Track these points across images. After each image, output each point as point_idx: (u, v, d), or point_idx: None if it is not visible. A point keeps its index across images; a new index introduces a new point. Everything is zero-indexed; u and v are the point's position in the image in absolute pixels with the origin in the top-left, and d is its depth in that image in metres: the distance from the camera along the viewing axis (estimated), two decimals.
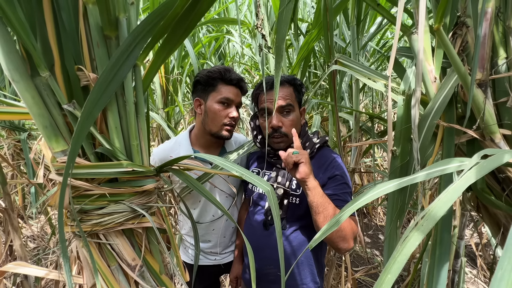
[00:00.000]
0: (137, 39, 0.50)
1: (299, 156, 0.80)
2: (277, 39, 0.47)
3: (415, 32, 0.66)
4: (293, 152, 0.81)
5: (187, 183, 0.67)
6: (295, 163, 0.81)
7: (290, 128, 0.93)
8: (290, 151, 0.82)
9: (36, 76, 0.51)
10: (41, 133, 0.52)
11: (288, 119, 0.93)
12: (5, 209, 0.92)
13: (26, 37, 0.47)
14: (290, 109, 0.93)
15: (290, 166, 0.81)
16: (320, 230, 0.51)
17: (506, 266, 0.25)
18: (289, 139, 0.94)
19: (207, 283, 1.23)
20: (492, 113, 0.56)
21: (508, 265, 0.25)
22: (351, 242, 0.84)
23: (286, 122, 0.93)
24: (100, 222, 0.57)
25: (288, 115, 0.93)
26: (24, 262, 0.66)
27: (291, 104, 0.93)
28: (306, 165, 0.80)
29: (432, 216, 0.45)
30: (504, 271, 0.25)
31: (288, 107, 0.93)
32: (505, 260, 0.25)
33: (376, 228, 2.80)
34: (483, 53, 0.54)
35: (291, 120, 0.93)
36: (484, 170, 0.44)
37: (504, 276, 0.24)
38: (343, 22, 1.71)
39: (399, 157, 0.69)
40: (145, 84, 0.60)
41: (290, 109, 0.93)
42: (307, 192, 0.81)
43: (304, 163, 0.80)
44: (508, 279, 0.24)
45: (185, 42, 1.84)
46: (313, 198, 0.80)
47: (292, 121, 0.94)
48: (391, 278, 0.42)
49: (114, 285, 0.62)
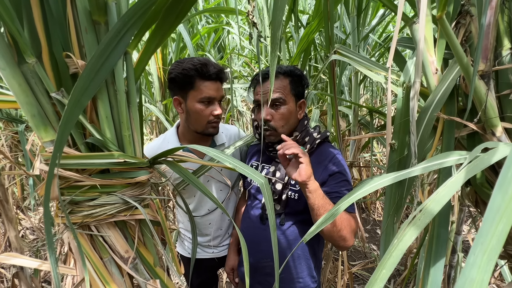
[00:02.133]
0: (127, 25, 0.48)
1: (302, 154, 0.77)
2: (272, 26, 0.46)
3: (417, 21, 0.63)
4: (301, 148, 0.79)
5: (181, 175, 0.66)
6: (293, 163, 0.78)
7: (280, 122, 0.91)
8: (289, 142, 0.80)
9: (23, 63, 0.49)
10: (29, 122, 0.51)
11: (277, 112, 0.91)
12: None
13: (12, 23, 0.45)
14: (281, 102, 0.90)
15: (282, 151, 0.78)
16: (315, 224, 0.50)
17: (478, 252, 0.25)
18: (278, 133, 0.91)
19: (204, 277, 1.24)
20: (494, 106, 0.54)
21: (480, 251, 0.25)
22: (350, 240, 0.84)
23: (276, 115, 0.91)
24: (91, 214, 0.56)
25: (278, 108, 0.91)
26: (17, 253, 0.65)
27: (281, 97, 0.90)
28: (307, 167, 0.77)
29: (429, 211, 0.44)
30: (476, 256, 0.25)
31: (279, 100, 0.90)
32: (477, 246, 0.25)
33: (374, 223, 2.80)
34: (487, 43, 0.52)
35: (281, 114, 0.91)
36: (484, 164, 0.42)
37: (476, 262, 0.25)
38: (344, 13, 1.68)
39: (398, 150, 0.68)
40: (137, 72, 0.58)
41: (280, 102, 0.90)
42: (307, 195, 0.79)
43: (306, 165, 0.77)
44: (480, 264, 0.24)
45: (183, 33, 1.81)
46: (314, 200, 0.78)
47: (282, 115, 0.91)
48: (386, 273, 0.41)
49: (107, 278, 0.61)
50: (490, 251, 0.25)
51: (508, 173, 0.28)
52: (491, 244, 0.25)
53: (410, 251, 1.99)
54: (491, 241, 0.26)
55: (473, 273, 0.25)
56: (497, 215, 0.27)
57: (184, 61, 0.95)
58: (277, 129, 0.91)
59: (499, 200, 0.27)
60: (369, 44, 2.15)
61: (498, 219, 0.26)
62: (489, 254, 0.25)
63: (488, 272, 0.24)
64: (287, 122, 0.93)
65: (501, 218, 0.26)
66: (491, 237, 0.26)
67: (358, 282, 2.04)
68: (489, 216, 0.27)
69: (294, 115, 0.94)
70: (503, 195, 0.27)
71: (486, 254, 0.25)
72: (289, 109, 0.92)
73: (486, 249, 0.25)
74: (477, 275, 0.24)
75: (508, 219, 0.26)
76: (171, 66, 0.98)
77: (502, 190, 0.27)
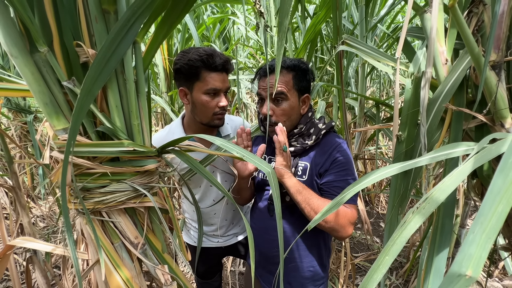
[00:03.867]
0: (136, 14, 0.48)
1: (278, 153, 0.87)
2: (280, 15, 0.45)
3: (428, 10, 0.62)
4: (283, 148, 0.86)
5: (188, 164, 0.67)
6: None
7: (282, 117, 0.91)
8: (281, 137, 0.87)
9: (35, 52, 0.50)
10: (42, 110, 0.52)
11: (279, 108, 0.91)
12: (12, 187, 0.94)
13: (24, 11, 0.46)
14: (283, 98, 0.90)
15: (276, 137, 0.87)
16: (319, 213, 0.51)
17: (477, 230, 0.26)
18: None
19: (210, 264, 1.27)
20: (505, 97, 0.54)
21: (479, 229, 0.26)
22: (343, 231, 0.86)
23: (277, 110, 0.91)
24: (102, 200, 0.58)
25: (280, 103, 0.90)
26: (31, 238, 0.68)
27: (283, 92, 0.89)
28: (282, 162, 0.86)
29: (435, 200, 0.44)
30: (476, 234, 0.26)
31: (281, 95, 0.89)
32: (477, 225, 0.26)
33: (378, 216, 2.81)
34: (500, 33, 0.51)
35: (282, 109, 0.91)
36: (491, 155, 0.42)
37: (475, 239, 0.25)
38: (352, 3, 1.64)
39: (405, 142, 0.68)
40: (146, 62, 0.59)
41: (282, 97, 0.90)
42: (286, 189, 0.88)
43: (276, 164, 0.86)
44: (479, 242, 0.25)
45: (188, 24, 1.80)
46: (292, 196, 0.86)
47: (283, 110, 0.91)
48: (389, 259, 0.42)
49: (118, 262, 0.63)
50: (489, 230, 0.26)
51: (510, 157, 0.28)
52: (490, 223, 0.26)
53: (413, 244, 2.00)
54: (490, 221, 0.26)
55: (471, 250, 0.25)
56: (498, 197, 0.28)
57: (190, 51, 0.94)
58: (278, 124, 0.91)
59: (500, 183, 0.28)
60: (376, 35, 2.11)
61: (498, 200, 0.27)
62: (488, 233, 0.26)
63: (486, 249, 0.25)
64: (289, 118, 0.92)
65: (501, 199, 0.27)
66: (490, 217, 0.27)
67: (361, 273, 2.07)
68: (489, 197, 0.28)
69: (296, 110, 0.93)
70: (504, 178, 0.28)
71: (485, 233, 0.26)
72: (290, 105, 0.91)
73: (485, 228, 0.26)
74: (476, 251, 0.25)
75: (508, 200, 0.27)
76: (176, 57, 0.97)
77: (503, 173, 0.28)
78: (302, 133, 0.95)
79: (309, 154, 0.95)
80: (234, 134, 1.12)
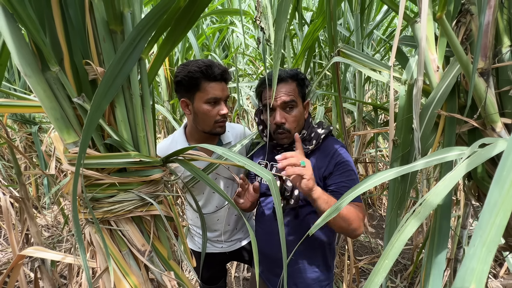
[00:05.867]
0: (141, 33, 0.51)
1: (303, 171, 0.76)
2: (276, 31, 0.48)
3: (418, 20, 0.65)
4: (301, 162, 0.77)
5: (192, 172, 0.69)
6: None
7: (293, 124, 0.95)
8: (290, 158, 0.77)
9: (47, 71, 0.53)
10: (53, 125, 0.55)
11: (291, 115, 0.95)
12: (21, 198, 0.97)
13: (36, 33, 0.49)
14: (293, 105, 0.95)
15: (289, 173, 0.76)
16: (321, 217, 0.53)
17: (477, 244, 0.26)
18: (292, 134, 0.96)
19: (214, 270, 1.28)
20: (494, 102, 0.56)
21: (479, 243, 0.26)
22: (360, 229, 0.87)
23: (289, 118, 0.95)
24: (111, 210, 0.61)
25: (292, 111, 0.95)
26: (42, 247, 0.70)
27: (294, 100, 0.94)
28: (309, 181, 0.77)
29: (429, 204, 0.46)
30: (476, 248, 0.26)
31: (291, 103, 0.94)
32: (476, 238, 0.26)
33: (381, 219, 2.81)
34: (486, 41, 0.54)
35: (294, 116, 0.95)
36: (481, 159, 0.44)
37: (476, 253, 0.26)
38: (348, 10, 1.68)
39: (401, 146, 0.70)
40: (150, 77, 0.62)
41: (293, 105, 0.95)
42: (312, 202, 0.81)
43: (307, 180, 0.77)
44: (480, 256, 0.26)
45: (188, 34, 1.84)
46: (319, 206, 0.80)
47: (295, 117, 0.95)
48: (389, 263, 0.44)
49: (126, 269, 0.65)
50: (489, 243, 0.26)
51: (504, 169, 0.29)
52: (489, 236, 0.27)
53: (417, 246, 2.00)
54: (489, 234, 0.27)
55: (473, 264, 0.26)
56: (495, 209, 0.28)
57: (189, 64, 0.98)
58: (291, 131, 0.95)
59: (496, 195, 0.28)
60: (373, 40, 2.14)
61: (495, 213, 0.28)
62: (488, 246, 0.26)
63: (487, 263, 0.26)
64: (298, 124, 0.97)
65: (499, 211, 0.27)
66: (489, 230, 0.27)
67: (365, 276, 2.06)
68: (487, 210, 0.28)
69: (303, 116, 0.99)
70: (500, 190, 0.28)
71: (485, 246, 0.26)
72: (300, 111, 0.96)
73: (485, 241, 0.26)
74: (477, 265, 0.26)
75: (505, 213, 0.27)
76: (177, 69, 1.01)
77: (499, 185, 0.28)
78: (304, 139, 0.98)
79: (310, 159, 0.97)
80: (235, 142, 1.15)
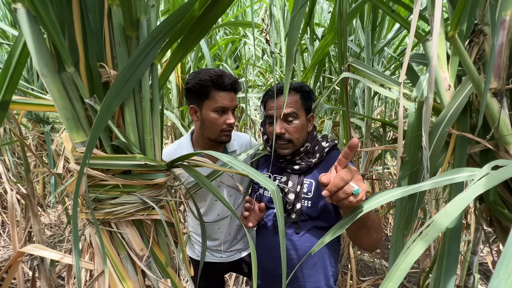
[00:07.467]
0: (155, 40, 0.53)
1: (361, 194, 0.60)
2: (288, 43, 0.49)
3: (430, 39, 0.65)
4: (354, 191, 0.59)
5: (195, 179, 0.69)
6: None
7: (294, 134, 0.95)
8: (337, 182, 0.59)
9: (62, 72, 0.55)
10: (64, 124, 0.56)
11: (292, 126, 0.96)
12: (27, 195, 0.98)
13: (56, 35, 0.51)
14: (294, 116, 0.95)
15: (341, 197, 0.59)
16: (328, 233, 0.52)
17: (502, 275, 0.25)
18: (294, 145, 0.96)
19: (212, 280, 1.25)
20: (508, 124, 0.55)
21: (504, 274, 0.25)
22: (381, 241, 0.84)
23: (290, 128, 0.95)
24: (112, 211, 0.60)
25: (292, 122, 0.96)
26: (42, 246, 0.70)
27: (295, 111, 0.95)
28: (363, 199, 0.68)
29: (438, 226, 0.44)
30: (501, 279, 0.25)
31: (292, 115, 0.95)
32: (501, 269, 0.25)
33: (386, 238, 2.72)
34: (500, 62, 0.53)
35: (294, 127, 0.96)
36: (494, 181, 0.43)
37: (501, 285, 0.24)
38: (359, 27, 1.70)
39: (409, 164, 0.68)
40: (161, 82, 0.63)
41: (294, 116, 0.95)
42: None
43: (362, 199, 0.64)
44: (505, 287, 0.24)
45: (201, 44, 1.89)
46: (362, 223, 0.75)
47: (296, 128, 0.96)
48: (393, 285, 0.42)
49: (123, 273, 0.65)
50: None
51: None
52: None
53: (424, 270, 1.91)
54: None
55: None
56: None
57: (201, 72, 1.00)
58: (293, 140, 0.96)
59: None
60: (384, 57, 2.15)
61: None
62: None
63: None
64: (301, 135, 0.97)
65: None
66: None
67: None
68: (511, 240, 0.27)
69: (305, 128, 0.99)
70: None
71: (510, 277, 0.24)
72: (301, 123, 0.97)
73: (510, 272, 0.25)
74: None
75: None
76: (188, 77, 1.03)
77: None
78: (307, 151, 0.97)
79: (313, 172, 0.96)
80: (240, 151, 1.15)
